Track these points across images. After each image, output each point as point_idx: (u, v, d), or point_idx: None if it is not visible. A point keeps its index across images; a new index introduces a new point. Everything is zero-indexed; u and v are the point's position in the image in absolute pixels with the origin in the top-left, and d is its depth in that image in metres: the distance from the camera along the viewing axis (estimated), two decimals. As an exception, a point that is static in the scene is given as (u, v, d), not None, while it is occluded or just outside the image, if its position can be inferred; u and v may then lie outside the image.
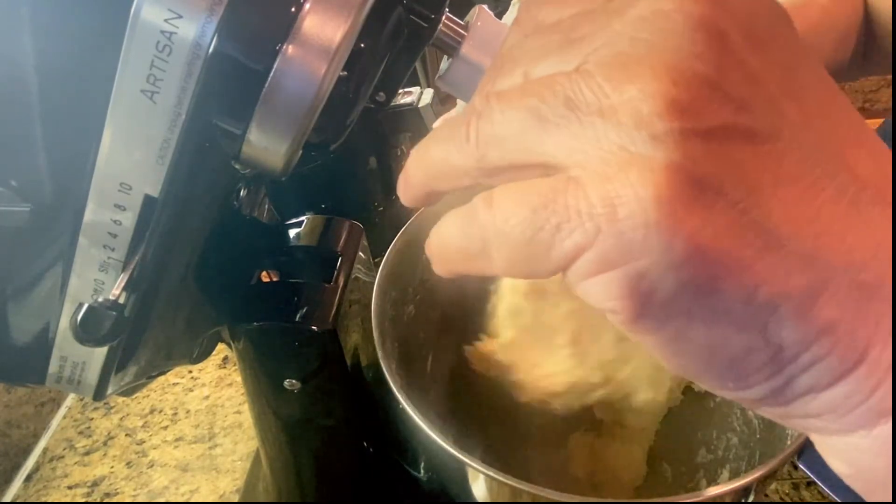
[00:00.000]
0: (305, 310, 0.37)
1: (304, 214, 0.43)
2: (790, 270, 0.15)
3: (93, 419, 0.60)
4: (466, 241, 0.18)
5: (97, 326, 0.26)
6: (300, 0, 0.22)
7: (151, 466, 0.56)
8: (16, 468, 0.57)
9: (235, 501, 0.53)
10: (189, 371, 0.64)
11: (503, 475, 0.30)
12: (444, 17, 0.29)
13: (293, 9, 0.22)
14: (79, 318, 0.26)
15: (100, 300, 0.26)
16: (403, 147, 0.58)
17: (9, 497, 0.55)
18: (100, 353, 0.31)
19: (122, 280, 0.27)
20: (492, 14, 0.30)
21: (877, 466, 0.16)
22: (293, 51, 0.22)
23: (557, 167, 0.16)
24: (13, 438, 0.57)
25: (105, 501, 0.54)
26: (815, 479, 0.53)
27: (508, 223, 0.16)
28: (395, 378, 0.34)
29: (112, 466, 0.56)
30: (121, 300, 0.27)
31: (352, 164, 0.57)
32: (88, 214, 0.26)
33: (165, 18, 0.21)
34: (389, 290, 0.40)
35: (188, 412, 0.60)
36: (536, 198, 0.16)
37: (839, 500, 0.50)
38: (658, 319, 0.16)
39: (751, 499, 0.32)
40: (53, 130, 0.25)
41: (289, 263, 0.40)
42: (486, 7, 0.30)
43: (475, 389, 0.43)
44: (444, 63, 0.31)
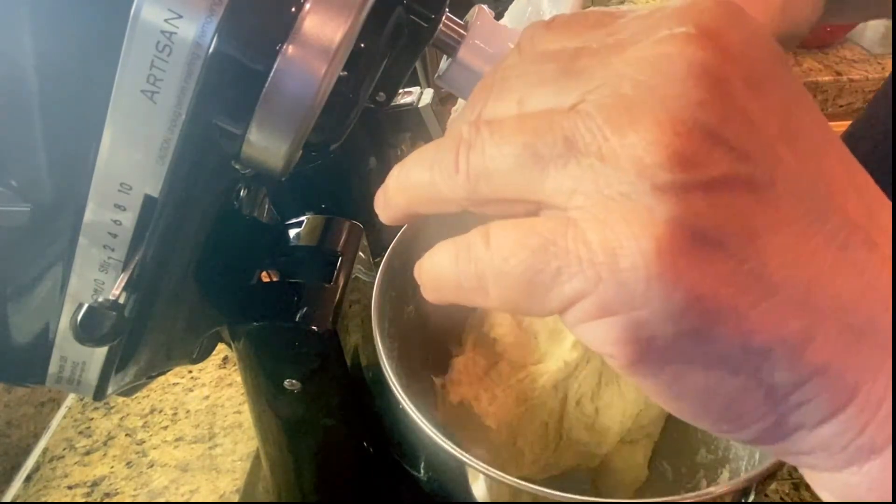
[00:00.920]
0: (305, 310, 0.37)
1: (304, 214, 0.43)
2: (784, 316, 0.15)
3: (93, 419, 0.60)
4: (461, 276, 0.17)
5: (97, 326, 0.26)
6: (300, 0, 0.22)
7: (151, 466, 0.56)
8: (16, 468, 0.57)
9: (235, 501, 0.53)
10: (189, 371, 0.64)
11: (503, 475, 0.30)
12: (444, 17, 0.29)
13: (293, 9, 0.22)
14: (79, 318, 0.26)
15: (100, 300, 0.26)
16: (403, 147, 0.58)
17: (9, 497, 0.55)
18: (100, 353, 0.31)
19: (122, 280, 0.27)
20: (492, 14, 0.30)
21: (868, 502, 0.17)
22: (293, 51, 0.22)
23: (554, 207, 0.16)
24: (13, 438, 0.57)
25: (105, 501, 0.54)
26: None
27: (508, 263, 0.16)
28: (395, 378, 0.34)
29: (112, 466, 0.56)
30: (121, 300, 0.27)
31: (352, 164, 0.57)
32: (88, 214, 0.26)
33: (165, 18, 0.21)
34: (389, 290, 0.40)
35: (188, 412, 0.60)
36: (536, 239, 0.16)
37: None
38: (656, 364, 0.16)
39: (751, 499, 0.32)
40: (53, 130, 0.25)
41: (289, 263, 0.40)
42: (486, 7, 0.30)
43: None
44: (444, 62, 0.31)
